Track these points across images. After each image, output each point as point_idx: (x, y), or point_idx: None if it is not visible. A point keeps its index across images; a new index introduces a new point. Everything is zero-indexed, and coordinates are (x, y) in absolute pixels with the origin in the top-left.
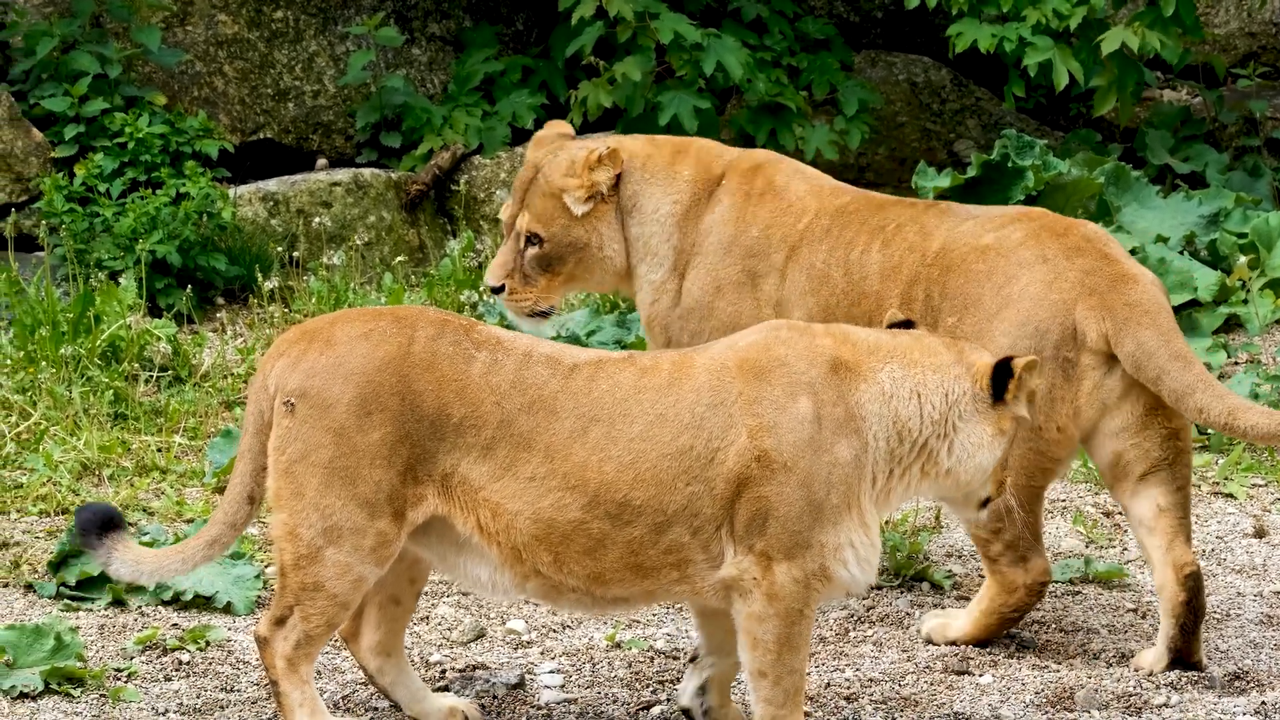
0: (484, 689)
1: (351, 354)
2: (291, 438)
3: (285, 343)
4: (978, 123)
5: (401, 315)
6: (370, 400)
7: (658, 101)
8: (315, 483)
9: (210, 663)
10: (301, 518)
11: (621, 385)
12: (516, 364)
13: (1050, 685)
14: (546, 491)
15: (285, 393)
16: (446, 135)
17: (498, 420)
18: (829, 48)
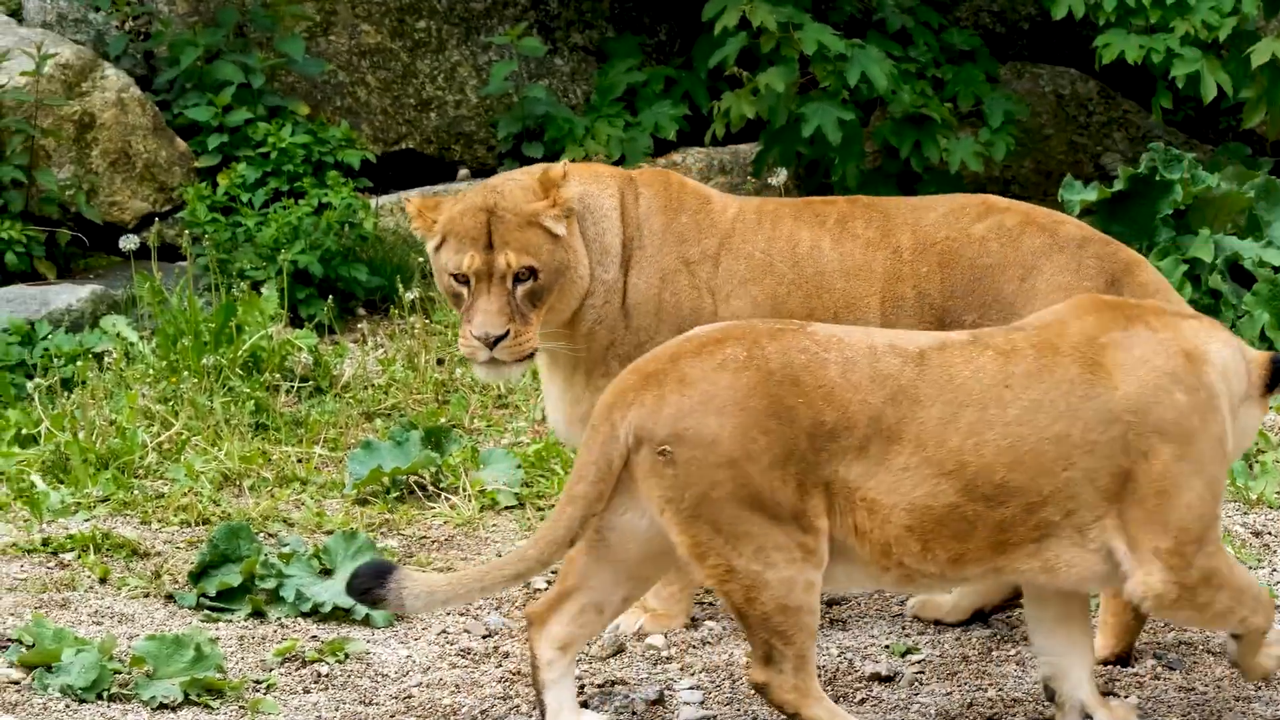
0: (623, 704)
1: (716, 387)
2: (684, 484)
3: (630, 391)
4: (1125, 135)
5: (739, 335)
6: (751, 427)
7: (801, 113)
8: (727, 515)
9: (349, 675)
10: (729, 553)
11: (985, 370)
12: (867, 358)
13: (1196, 708)
14: (921, 480)
15: (656, 443)
16: (588, 146)
17: (866, 417)
18: (974, 59)
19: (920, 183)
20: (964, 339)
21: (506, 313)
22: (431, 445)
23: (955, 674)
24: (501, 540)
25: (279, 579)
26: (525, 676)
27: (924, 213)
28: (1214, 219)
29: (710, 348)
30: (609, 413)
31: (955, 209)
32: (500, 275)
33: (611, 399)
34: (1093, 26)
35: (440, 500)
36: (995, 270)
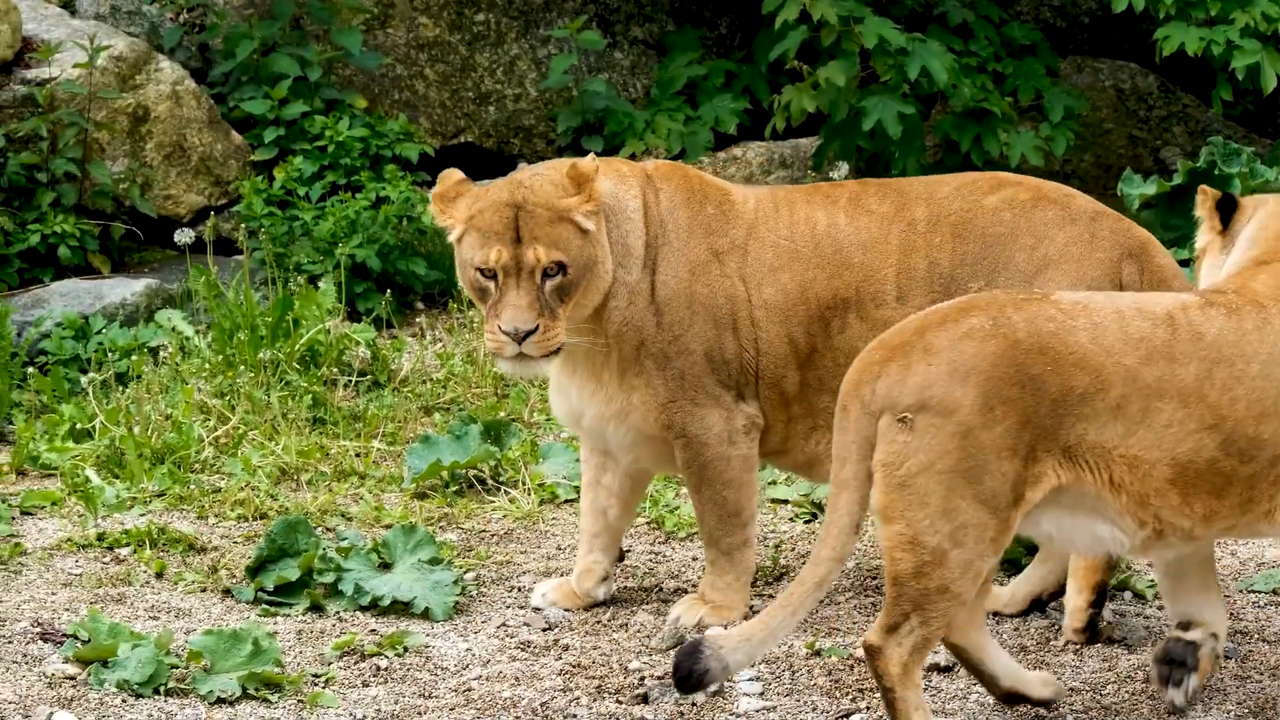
0: (683, 696)
1: (962, 355)
2: (911, 451)
3: (875, 364)
4: (1184, 130)
5: (982, 305)
6: (992, 396)
7: (861, 106)
8: (940, 489)
9: (408, 669)
10: (924, 525)
11: (1226, 328)
12: (1115, 322)
13: (1252, 696)
14: (1185, 435)
15: (899, 410)
16: (648, 139)
17: (1122, 378)
18: (1035, 53)
19: None
20: (1196, 301)
21: (535, 308)
22: (490, 439)
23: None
24: (561, 534)
25: (337, 573)
26: (585, 669)
27: (937, 187)
28: None
29: (955, 318)
30: (856, 389)
31: (968, 183)
32: (529, 270)
33: (857, 376)
34: (1153, 20)
35: (499, 494)
36: (1005, 239)
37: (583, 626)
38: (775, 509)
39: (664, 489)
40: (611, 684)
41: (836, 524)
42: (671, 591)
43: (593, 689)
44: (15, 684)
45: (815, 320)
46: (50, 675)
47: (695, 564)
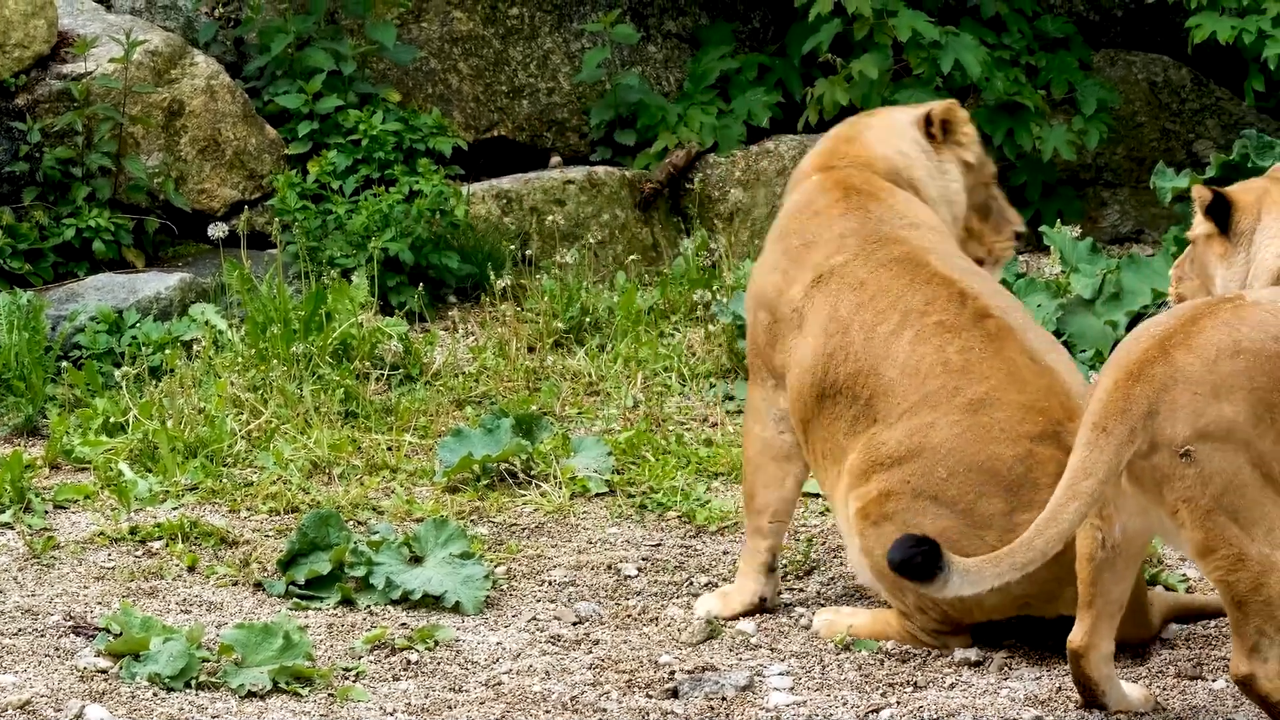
0: (713, 690)
1: (1222, 376)
2: (1206, 479)
3: (1138, 397)
4: (1217, 123)
5: (1212, 322)
6: (1259, 405)
7: (895, 99)
8: (1245, 502)
9: (439, 663)
10: (1243, 542)
11: None
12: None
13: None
14: None
15: (1176, 445)
16: (681, 133)
17: None
18: (1068, 46)
19: (1013, 170)
20: None
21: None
22: (522, 433)
23: (1044, 659)
24: (591, 527)
25: (369, 567)
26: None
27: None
28: None
29: (1196, 340)
30: (1123, 416)
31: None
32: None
33: (1121, 404)
34: (1185, 13)
35: (531, 488)
36: None
37: (613, 621)
38: (806, 503)
39: (695, 483)
40: (642, 678)
41: (1057, 529)
42: (702, 586)
43: (623, 683)
44: (47, 677)
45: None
46: (82, 669)
47: (726, 558)
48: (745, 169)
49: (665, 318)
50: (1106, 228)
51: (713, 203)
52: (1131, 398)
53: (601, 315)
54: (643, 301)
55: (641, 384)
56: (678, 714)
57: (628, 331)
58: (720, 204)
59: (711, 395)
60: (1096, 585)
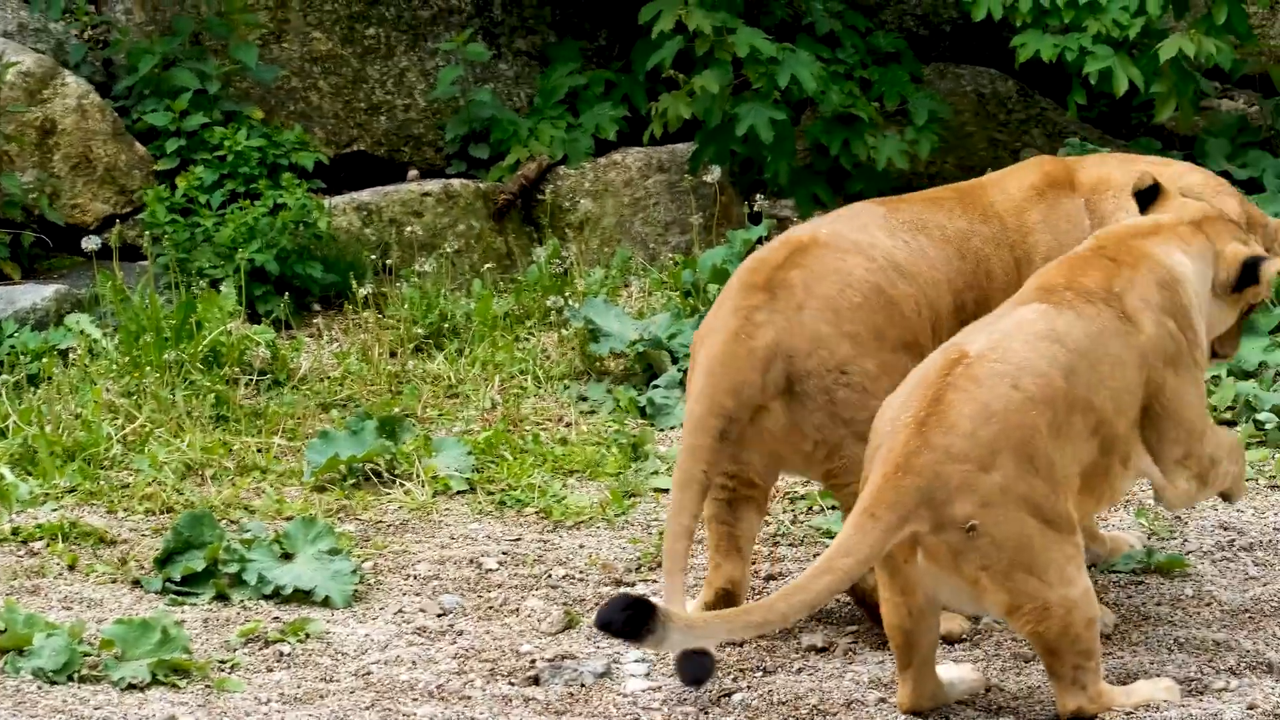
0: (573, 677)
1: (981, 445)
2: (999, 545)
3: (908, 488)
4: (1042, 131)
5: (954, 395)
6: (1022, 459)
7: (735, 113)
8: (1035, 554)
9: (310, 654)
10: (1043, 592)
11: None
12: (1031, 350)
13: (1114, 670)
14: (1083, 444)
15: (959, 523)
16: (532, 146)
17: (1060, 399)
18: (899, 60)
19: (849, 179)
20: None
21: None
22: (386, 434)
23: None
24: (454, 523)
25: (241, 563)
26: (479, 653)
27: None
28: None
29: (944, 414)
30: (894, 506)
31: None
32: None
33: (892, 496)
34: (1011, 28)
35: (395, 486)
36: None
37: (476, 612)
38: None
39: (551, 480)
40: (504, 667)
41: (803, 597)
42: (560, 578)
43: (486, 672)
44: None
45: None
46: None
47: (582, 551)
48: (594, 180)
49: (520, 323)
50: None
51: (563, 212)
52: (901, 489)
53: (459, 321)
54: (498, 307)
55: (499, 386)
56: (539, 701)
57: (485, 336)
58: (571, 214)
59: (565, 396)
60: (911, 648)
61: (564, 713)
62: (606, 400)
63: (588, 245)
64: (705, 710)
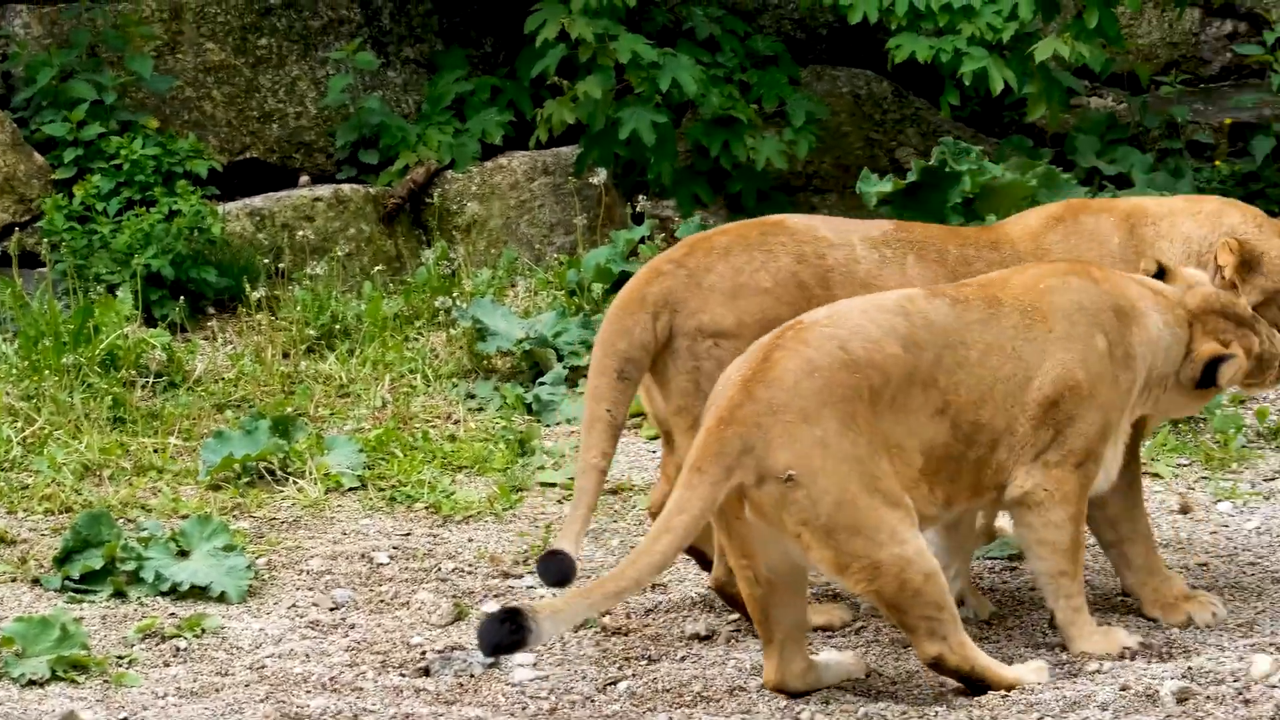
0: (462, 668)
1: (804, 398)
2: (816, 498)
3: (730, 437)
4: (917, 131)
5: (783, 351)
6: (844, 417)
7: (618, 117)
8: (860, 511)
9: (206, 649)
10: (872, 548)
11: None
12: (870, 320)
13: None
14: (927, 420)
15: (778, 473)
16: (421, 152)
17: (897, 369)
18: (777, 63)
19: (729, 179)
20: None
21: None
22: (279, 433)
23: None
24: (346, 519)
25: (139, 561)
26: (370, 645)
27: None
28: (999, 206)
29: (772, 371)
30: (717, 458)
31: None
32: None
33: (715, 447)
34: (886, 31)
35: (288, 484)
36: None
37: (367, 606)
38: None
39: (440, 476)
40: (395, 658)
41: (649, 560)
42: (449, 571)
43: (378, 663)
44: None
45: None
46: None
47: (471, 545)
48: (481, 184)
49: (410, 323)
50: None
51: (451, 215)
52: (724, 439)
53: (350, 322)
54: (388, 309)
55: (389, 385)
56: (430, 691)
57: (375, 337)
58: (458, 217)
59: (454, 394)
60: (770, 622)
61: (454, 703)
62: (494, 398)
63: (475, 247)
64: (591, 698)
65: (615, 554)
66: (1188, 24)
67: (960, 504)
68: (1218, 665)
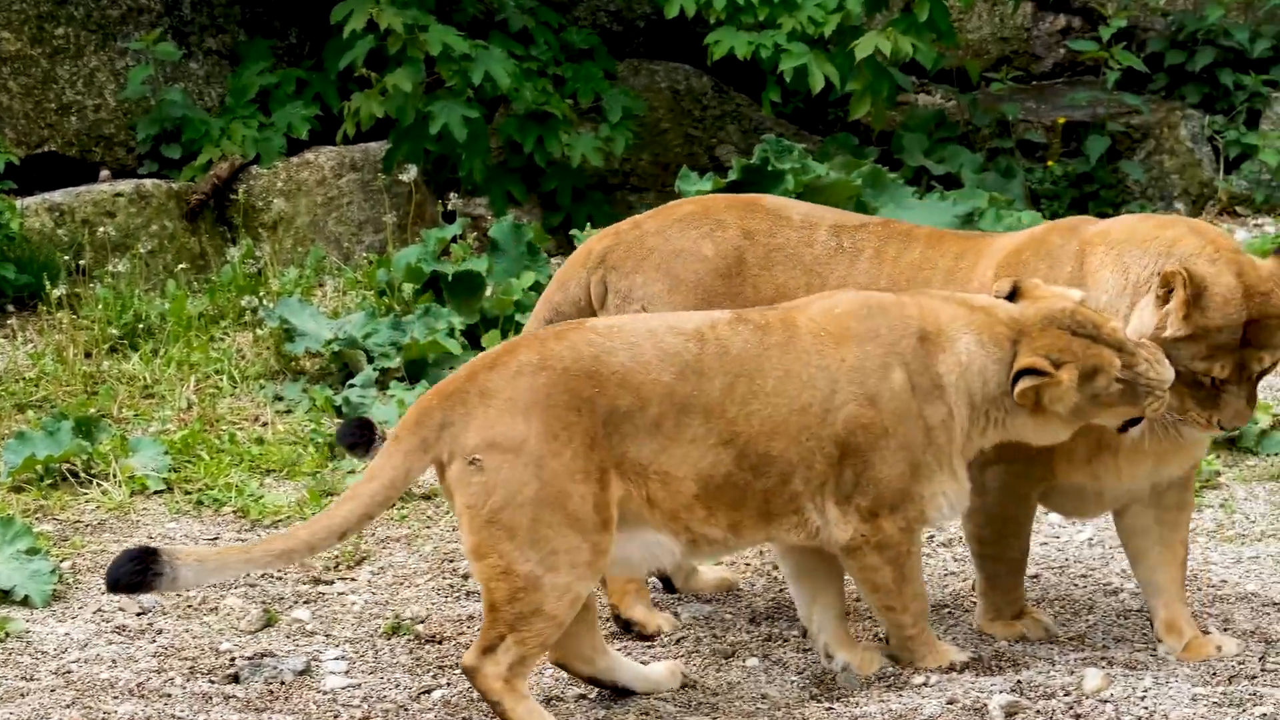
0: (272, 675)
1: (519, 391)
2: (490, 489)
3: (435, 410)
4: (738, 128)
5: (527, 343)
6: (554, 423)
7: (428, 111)
8: (526, 520)
9: (10, 653)
10: (516, 556)
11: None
12: (651, 340)
13: (813, 666)
14: (706, 450)
15: (466, 453)
16: (224, 146)
17: (659, 395)
18: (593, 57)
19: (543, 177)
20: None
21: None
22: (82, 434)
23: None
24: (152, 522)
25: None
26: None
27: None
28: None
29: (504, 359)
30: (415, 429)
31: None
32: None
33: (416, 418)
34: (705, 24)
35: (93, 486)
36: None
37: (175, 611)
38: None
39: (249, 479)
40: (204, 664)
41: (328, 524)
42: (259, 577)
43: (186, 669)
44: None
45: None
46: None
47: None
48: (287, 179)
49: (215, 323)
50: None
51: (257, 212)
52: (427, 411)
53: (154, 321)
54: (193, 308)
55: (194, 386)
56: (239, 698)
57: (180, 336)
58: (264, 213)
59: (261, 396)
60: None
61: (264, 710)
62: (302, 399)
63: (282, 245)
64: (405, 707)
65: (428, 560)
66: (1020, 19)
67: (751, 532)
68: (1048, 679)
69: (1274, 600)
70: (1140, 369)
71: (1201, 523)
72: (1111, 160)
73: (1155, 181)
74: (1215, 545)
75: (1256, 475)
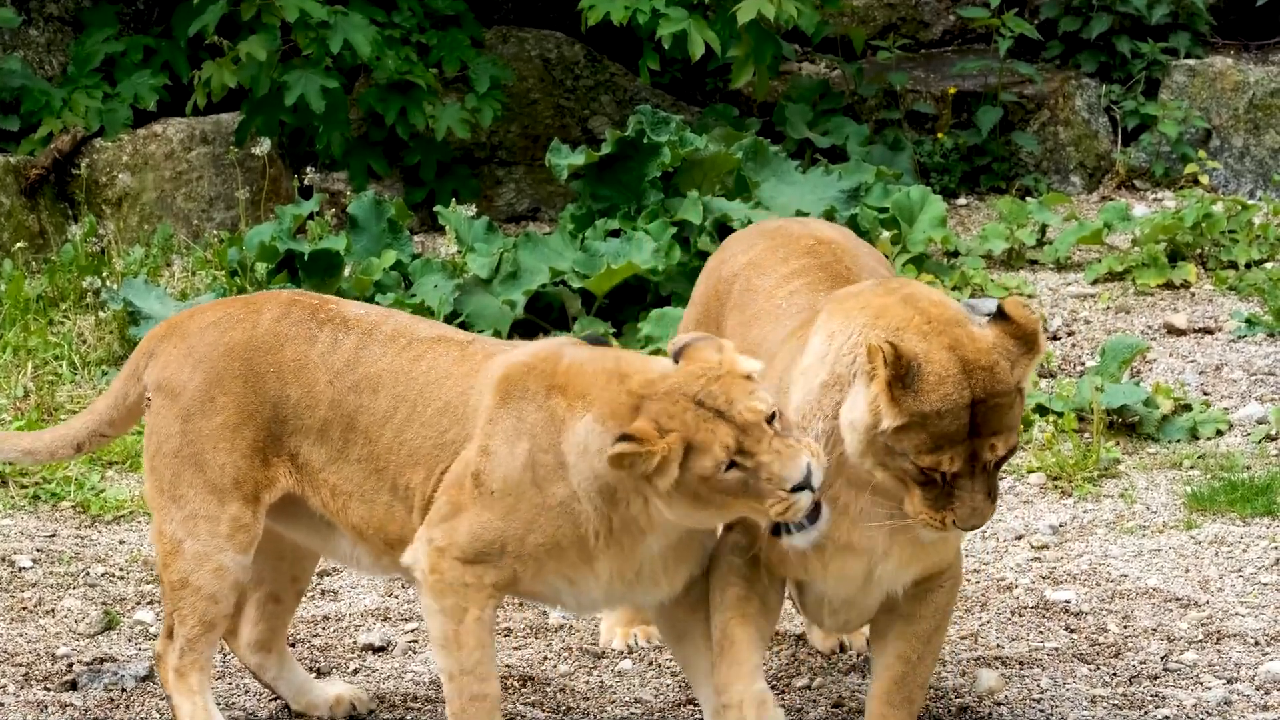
0: (112, 681)
1: (201, 341)
2: (151, 431)
3: (152, 338)
4: (612, 99)
5: (253, 299)
6: (214, 385)
7: (283, 81)
8: (169, 473)
9: None
10: (164, 513)
11: (438, 366)
12: (356, 342)
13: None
14: (369, 474)
15: (149, 387)
16: (66, 118)
17: (329, 400)
18: (459, 24)
19: (407, 150)
20: (464, 338)
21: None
22: None
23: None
24: None
25: None
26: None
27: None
28: (702, 181)
29: (220, 306)
30: (137, 354)
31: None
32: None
33: (143, 342)
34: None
35: None
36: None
37: (8, 613)
38: None
39: (90, 472)
40: (39, 670)
41: (65, 431)
42: (99, 576)
43: (20, 676)
44: None
45: None
46: None
47: (123, 547)
48: (133, 153)
49: (55, 305)
50: (502, 206)
51: (100, 188)
52: (149, 338)
53: None
54: (31, 289)
55: (32, 373)
56: (77, 706)
57: (16, 320)
58: (109, 189)
59: (104, 383)
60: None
61: (103, 719)
62: None
63: (127, 222)
64: (255, 714)
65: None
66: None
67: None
68: (939, 680)
69: (1176, 595)
70: (762, 459)
71: (1100, 514)
72: (1004, 132)
73: (1050, 154)
74: (1115, 537)
75: (1157, 463)
